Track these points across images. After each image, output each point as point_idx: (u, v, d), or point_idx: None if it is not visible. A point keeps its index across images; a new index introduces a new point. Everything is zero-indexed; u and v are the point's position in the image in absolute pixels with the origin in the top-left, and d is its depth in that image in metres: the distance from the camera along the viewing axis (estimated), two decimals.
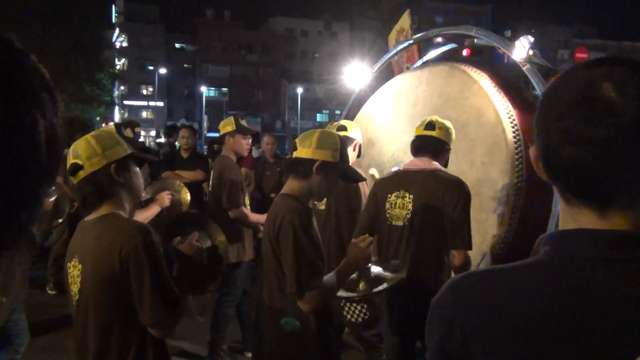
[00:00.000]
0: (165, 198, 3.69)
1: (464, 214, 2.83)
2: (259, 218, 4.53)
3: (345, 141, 2.38)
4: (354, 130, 3.74)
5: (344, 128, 3.68)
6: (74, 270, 1.92)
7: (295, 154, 2.33)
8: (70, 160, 1.92)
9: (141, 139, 22.35)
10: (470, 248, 2.86)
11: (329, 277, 2.22)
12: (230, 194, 4.10)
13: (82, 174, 1.91)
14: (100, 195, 1.93)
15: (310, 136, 2.31)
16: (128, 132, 4.01)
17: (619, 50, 61.92)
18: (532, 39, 3.81)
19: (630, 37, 63.93)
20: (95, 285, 1.84)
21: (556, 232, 0.86)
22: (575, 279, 0.79)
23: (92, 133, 1.98)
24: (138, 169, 2.04)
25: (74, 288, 1.92)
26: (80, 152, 1.91)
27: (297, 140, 2.35)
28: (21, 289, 3.49)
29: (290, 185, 2.33)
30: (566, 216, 0.86)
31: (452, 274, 2.91)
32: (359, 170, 3.71)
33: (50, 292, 6.06)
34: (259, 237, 4.97)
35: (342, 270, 2.28)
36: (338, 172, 2.33)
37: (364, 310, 3.55)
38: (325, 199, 3.55)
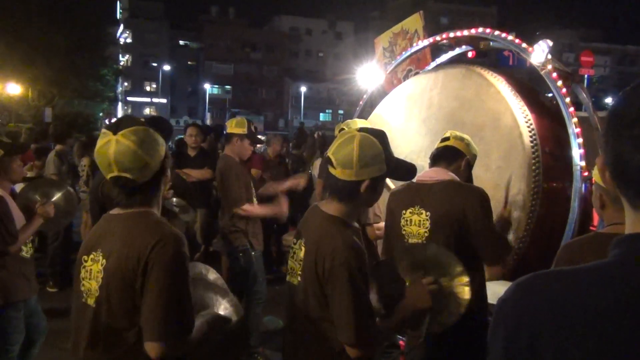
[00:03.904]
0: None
1: (487, 222, 2.68)
2: (265, 212, 4.57)
3: (385, 138, 2.05)
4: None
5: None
6: (94, 265, 1.79)
7: (333, 173, 2.00)
8: (115, 174, 1.77)
9: None
10: (499, 260, 2.74)
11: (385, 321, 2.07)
12: (232, 193, 4.24)
13: (131, 185, 1.80)
14: (133, 194, 1.83)
15: (349, 154, 1.95)
16: None
17: (623, 54, 61.89)
18: (551, 43, 3.75)
19: (635, 40, 63.86)
20: (120, 281, 1.73)
21: (626, 235, 0.86)
22: None
23: (133, 139, 1.77)
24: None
25: (91, 284, 1.78)
26: (129, 165, 1.77)
27: (331, 155, 2.01)
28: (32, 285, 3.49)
29: (335, 205, 2.03)
30: (635, 223, 0.86)
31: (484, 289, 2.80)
32: None
33: (50, 289, 6.17)
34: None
35: (399, 313, 2.07)
36: (386, 176, 2.11)
37: None
38: None
